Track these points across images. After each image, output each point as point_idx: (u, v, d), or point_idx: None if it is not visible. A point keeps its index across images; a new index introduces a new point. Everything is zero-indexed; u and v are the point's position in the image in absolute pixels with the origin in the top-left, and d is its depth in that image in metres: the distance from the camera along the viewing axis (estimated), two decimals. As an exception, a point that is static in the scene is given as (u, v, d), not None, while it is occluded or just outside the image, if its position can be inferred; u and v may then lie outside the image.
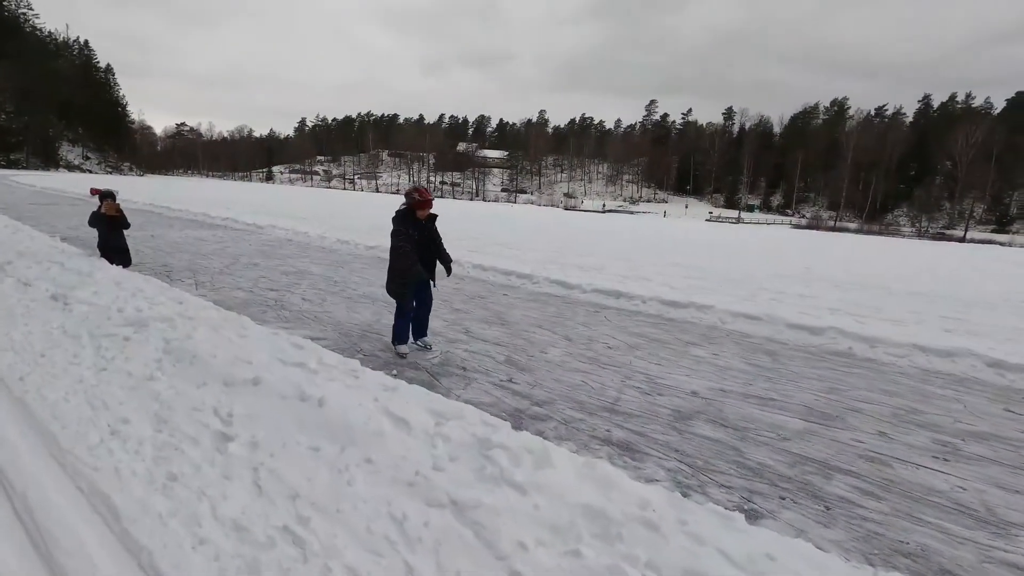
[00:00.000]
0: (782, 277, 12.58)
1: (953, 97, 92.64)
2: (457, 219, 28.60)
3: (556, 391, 4.34)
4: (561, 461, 2.85)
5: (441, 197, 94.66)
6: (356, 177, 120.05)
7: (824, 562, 2.17)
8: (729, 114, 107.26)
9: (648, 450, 3.43)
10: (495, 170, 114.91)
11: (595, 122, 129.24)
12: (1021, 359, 5.67)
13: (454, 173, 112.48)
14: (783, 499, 2.96)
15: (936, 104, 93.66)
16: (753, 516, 2.74)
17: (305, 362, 3.93)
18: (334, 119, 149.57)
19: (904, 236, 62.95)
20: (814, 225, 71.21)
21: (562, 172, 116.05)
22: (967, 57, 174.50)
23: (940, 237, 63.62)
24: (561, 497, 2.53)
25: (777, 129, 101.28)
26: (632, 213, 77.78)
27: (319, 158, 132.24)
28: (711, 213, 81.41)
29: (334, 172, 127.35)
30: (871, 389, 4.98)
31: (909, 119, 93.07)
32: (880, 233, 64.17)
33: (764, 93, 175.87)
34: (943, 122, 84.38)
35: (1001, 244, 58.27)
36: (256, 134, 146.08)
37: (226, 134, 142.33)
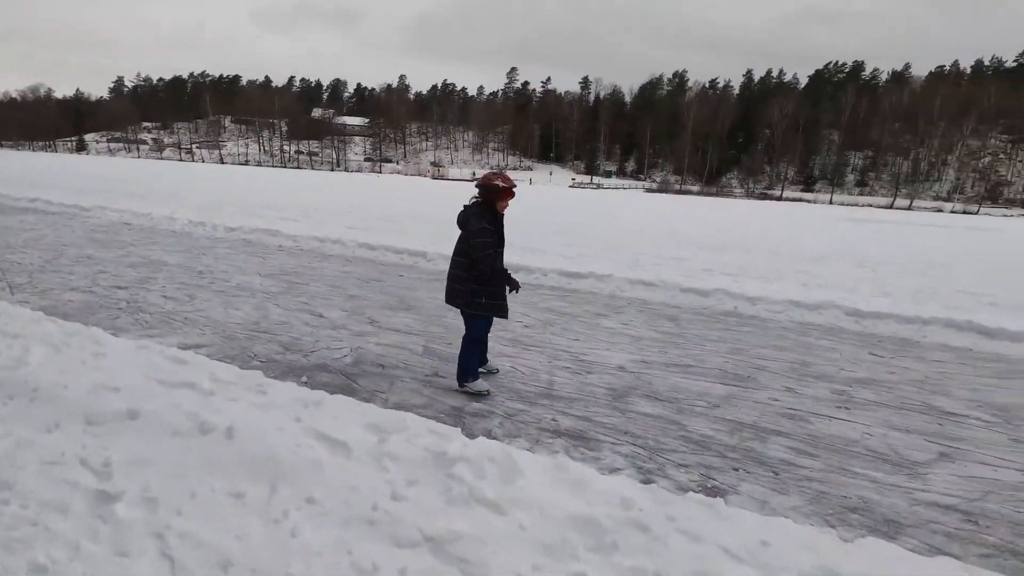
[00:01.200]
0: (655, 241, 13.42)
1: (769, 72, 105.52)
2: (321, 191, 26.64)
3: (489, 380, 4.09)
4: (529, 467, 2.62)
5: (299, 168, 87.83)
6: (194, 147, 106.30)
7: (810, 539, 2.21)
8: (585, 83, 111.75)
9: (600, 436, 3.34)
10: (356, 138, 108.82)
11: (458, 88, 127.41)
12: (871, 307, 6.56)
13: (310, 142, 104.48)
14: (736, 470, 3.03)
15: (757, 78, 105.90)
16: (719, 493, 2.76)
17: (194, 381, 3.24)
18: (160, 79, 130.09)
19: (736, 197, 71.36)
20: (663, 189, 77.82)
21: (427, 140, 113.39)
22: (783, 34, 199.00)
23: (763, 197, 73.12)
24: (543, 511, 2.32)
25: (628, 99, 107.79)
26: (500, 181, 78.64)
27: (145, 125, 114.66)
28: (573, 179, 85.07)
29: (166, 141, 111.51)
30: (765, 346, 5.41)
31: (736, 92, 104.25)
32: (717, 195, 72.09)
33: (617, 63, 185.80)
34: (762, 95, 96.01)
35: (808, 202, 68.37)
36: (57, 95, 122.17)
37: (15, 94, 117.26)
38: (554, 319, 5.94)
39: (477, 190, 3.78)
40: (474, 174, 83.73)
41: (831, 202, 69.55)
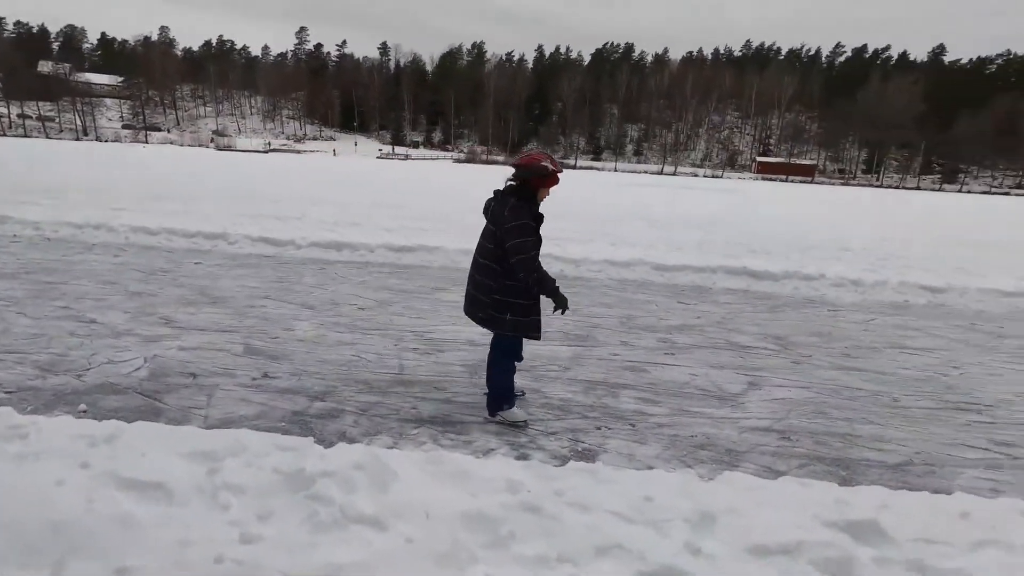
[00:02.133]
0: (473, 209, 13.56)
1: (558, 49, 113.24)
2: (72, 165, 21.53)
3: (331, 375, 3.63)
4: (402, 467, 2.35)
5: (26, 136, 69.87)
6: None
7: (683, 485, 2.34)
8: (385, 49, 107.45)
9: (465, 418, 3.18)
10: (108, 101, 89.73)
11: (238, 47, 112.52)
12: (672, 261, 7.43)
13: (41, 104, 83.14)
14: (599, 429, 3.14)
15: (548, 54, 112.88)
16: (591, 456, 2.82)
17: None
18: None
19: (538, 166, 75.97)
20: (471, 159, 79.33)
21: (205, 105, 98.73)
22: (567, 12, 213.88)
23: (561, 165, 79.04)
24: (429, 515, 2.08)
25: (430, 68, 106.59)
26: (299, 152, 72.38)
27: None
28: (380, 150, 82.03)
29: None
30: (594, 304, 5.77)
31: (531, 66, 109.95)
32: (521, 164, 75.88)
33: (415, 30, 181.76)
34: (553, 70, 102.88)
35: (598, 169, 75.81)
36: None
37: None
38: (391, 298, 5.57)
39: (513, 171, 2.91)
40: (269, 144, 75.69)
41: (616, 170, 78.18)
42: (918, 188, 75.27)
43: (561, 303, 2.97)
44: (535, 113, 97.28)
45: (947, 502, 2.33)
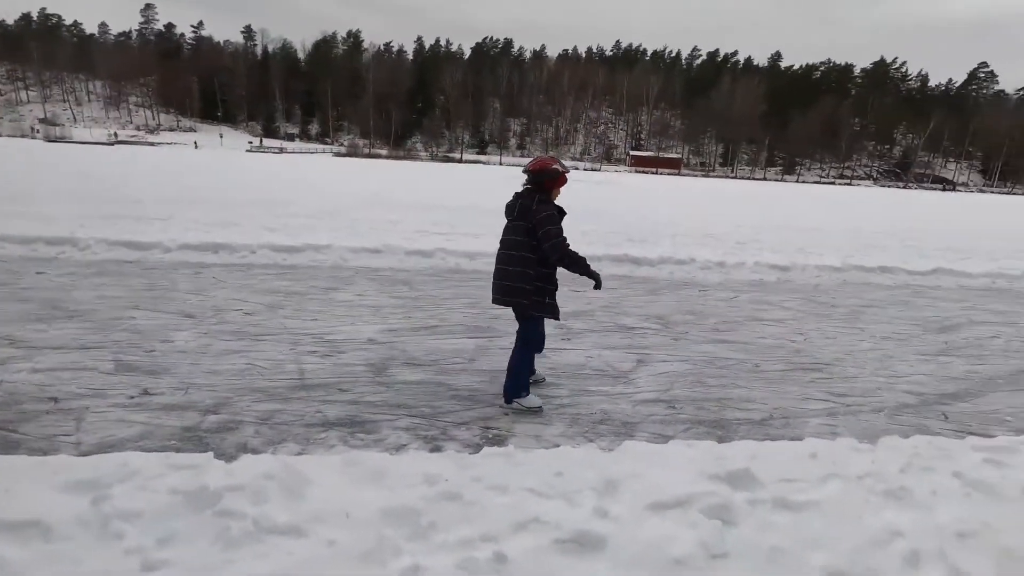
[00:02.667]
0: (362, 204, 13.17)
1: (438, 41, 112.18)
2: None
3: (222, 387, 3.41)
4: (316, 472, 2.31)
5: None
6: None
7: (587, 458, 2.55)
8: (249, 33, 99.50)
9: (373, 416, 3.16)
10: None
11: (67, 23, 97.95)
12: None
13: None
14: (507, 415, 3.28)
15: (428, 46, 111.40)
16: (502, 441, 2.94)
17: None
18: None
19: (422, 160, 75.08)
20: (353, 152, 76.35)
21: (27, 90, 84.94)
22: (447, 5, 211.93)
23: (446, 160, 78.78)
24: (348, 516, 2.08)
25: (302, 56, 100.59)
26: (153, 145, 64.91)
27: None
28: (251, 143, 76.04)
29: None
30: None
31: (411, 56, 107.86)
32: (405, 158, 74.48)
33: (282, 15, 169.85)
34: (434, 62, 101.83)
35: (484, 163, 76.56)
36: None
37: None
38: (281, 301, 5.29)
39: (527, 176, 3.26)
40: (115, 135, 67.10)
41: (501, 163, 79.46)
42: (764, 179, 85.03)
43: (596, 279, 3.39)
44: (418, 106, 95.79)
45: (800, 447, 2.76)
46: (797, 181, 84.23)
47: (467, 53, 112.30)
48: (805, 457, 2.67)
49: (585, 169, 78.55)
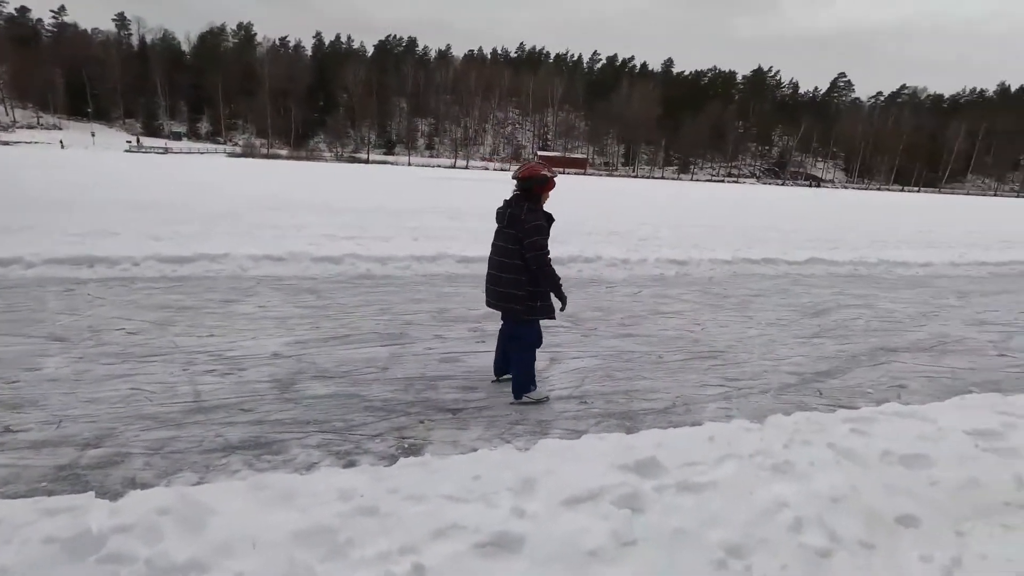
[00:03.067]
0: (262, 208, 12.45)
1: (339, 37, 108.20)
2: None
3: (103, 416, 3.09)
4: (219, 501, 2.17)
5: None
6: None
7: (505, 459, 2.59)
8: (123, 22, 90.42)
9: (281, 436, 3.00)
10: None
11: None
12: (474, 252, 7.83)
13: None
14: (423, 423, 3.25)
15: (328, 41, 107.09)
16: (418, 450, 2.92)
17: None
18: None
19: (327, 160, 72.14)
20: (249, 153, 71.79)
21: None
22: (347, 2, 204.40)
23: (352, 160, 76.23)
24: (257, 544, 1.97)
25: (187, 47, 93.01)
26: (8, 144, 57.20)
27: None
28: (129, 142, 69.12)
29: None
30: (405, 302, 5.83)
31: (309, 52, 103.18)
32: (308, 159, 71.17)
33: (158, 2, 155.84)
34: (335, 59, 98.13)
35: (392, 164, 74.95)
36: None
37: None
38: (172, 317, 4.88)
39: (517, 182, 3.38)
40: (-44, 133, 58.42)
41: (410, 164, 78.23)
42: (663, 178, 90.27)
43: (563, 300, 3.47)
44: (320, 104, 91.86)
45: (699, 431, 2.97)
46: (692, 179, 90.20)
47: (370, 51, 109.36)
48: (704, 441, 2.88)
49: (495, 169, 79.25)
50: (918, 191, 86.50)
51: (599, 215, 16.34)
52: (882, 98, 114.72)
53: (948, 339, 5.54)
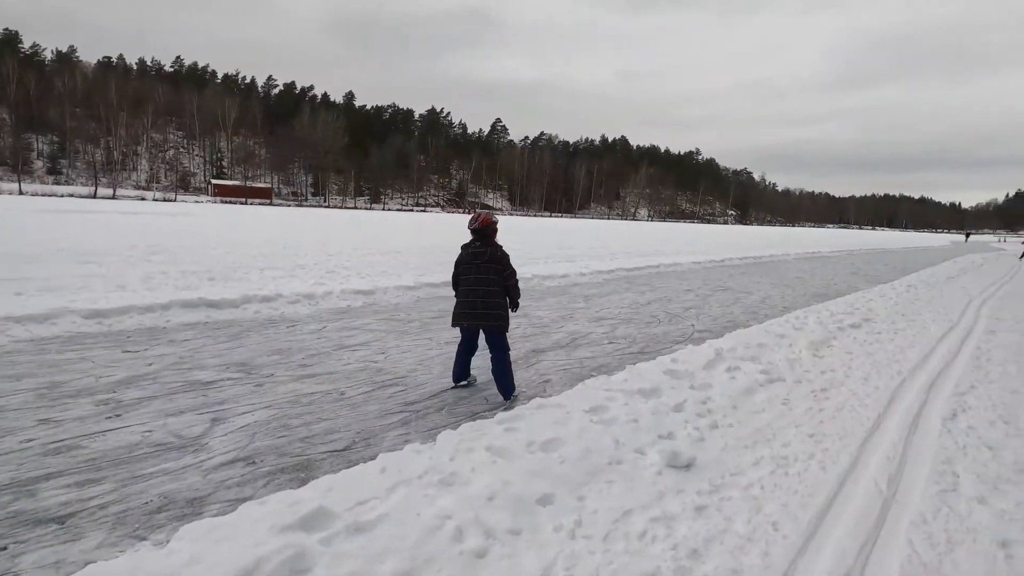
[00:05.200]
0: None
1: None
2: None
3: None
4: None
5: None
6: None
7: (131, 565, 2.08)
8: None
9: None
10: None
11: None
12: (111, 304, 6.34)
13: None
14: (5, 549, 2.39)
15: None
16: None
17: None
18: None
19: None
20: None
21: None
22: None
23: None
24: None
25: None
26: None
27: None
28: None
29: None
30: (-8, 381, 4.31)
31: None
32: None
33: None
34: None
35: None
36: None
37: None
38: None
39: (475, 232, 4.49)
40: None
41: (21, 192, 59.87)
42: (355, 207, 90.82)
43: (517, 306, 4.71)
44: None
45: (371, 466, 2.96)
46: (384, 208, 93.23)
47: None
48: (376, 474, 2.88)
49: (156, 200, 67.12)
50: (561, 216, 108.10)
51: (285, 248, 15.32)
52: (529, 141, 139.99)
53: (578, 335, 6.95)
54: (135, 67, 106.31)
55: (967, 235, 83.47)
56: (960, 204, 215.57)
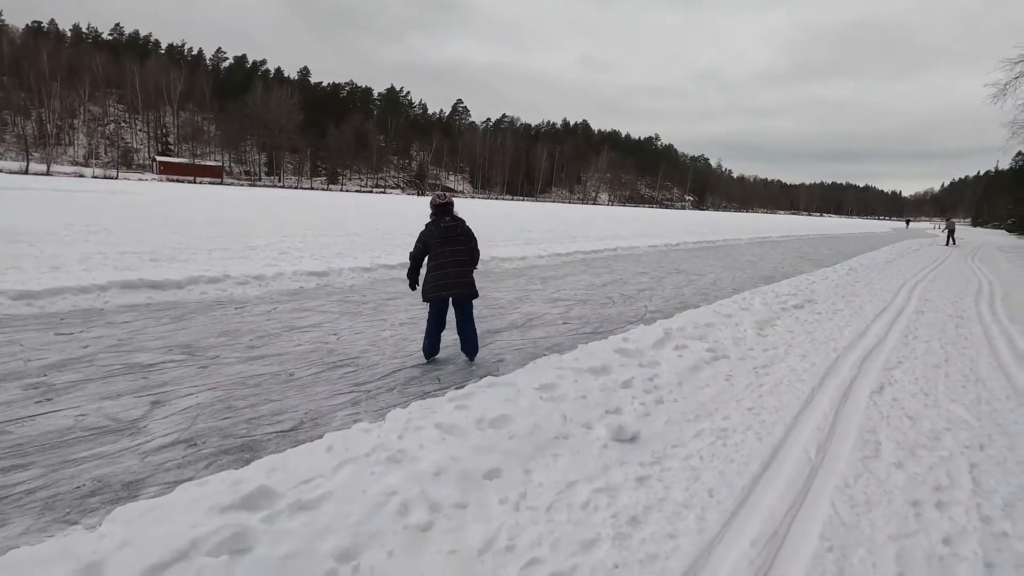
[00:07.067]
0: None
1: None
2: None
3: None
4: None
5: None
6: None
7: (56, 551, 2.01)
8: None
9: None
10: None
11: None
12: (43, 285, 6.00)
13: None
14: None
15: None
16: None
17: None
18: None
19: None
20: None
21: None
22: None
23: None
24: None
25: None
26: None
27: None
28: None
29: None
30: (-94, 366, 4.03)
31: None
32: None
33: None
34: None
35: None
36: None
37: None
38: None
39: (441, 207, 4.83)
40: None
41: (-57, 167, 55.42)
42: (312, 188, 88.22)
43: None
44: None
45: (317, 445, 2.94)
46: (342, 189, 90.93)
47: None
48: (322, 452, 2.86)
49: (95, 176, 63.46)
50: (523, 200, 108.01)
51: (238, 228, 14.78)
52: (491, 123, 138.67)
53: (534, 316, 7.02)
54: (69, 33, 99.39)
55: (907, 222, 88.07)
56: (901, 192, 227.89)
